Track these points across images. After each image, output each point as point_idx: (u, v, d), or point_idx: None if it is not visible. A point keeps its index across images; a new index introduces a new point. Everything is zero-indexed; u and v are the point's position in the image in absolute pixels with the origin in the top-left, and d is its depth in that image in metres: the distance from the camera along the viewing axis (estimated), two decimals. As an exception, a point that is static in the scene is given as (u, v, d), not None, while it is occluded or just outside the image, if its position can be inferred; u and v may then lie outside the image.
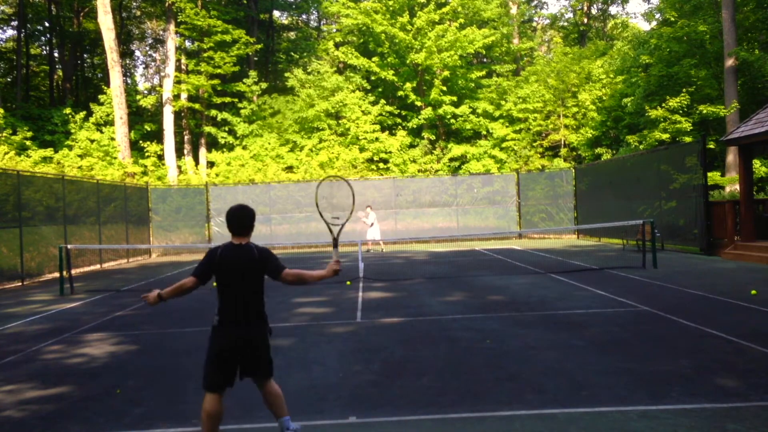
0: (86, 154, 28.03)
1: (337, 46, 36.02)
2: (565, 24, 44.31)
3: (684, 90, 22.59)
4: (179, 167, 32.53)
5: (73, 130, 30.04)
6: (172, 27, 32.45)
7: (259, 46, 35.21)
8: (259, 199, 25.83)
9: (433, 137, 32.68)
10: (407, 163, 30.96)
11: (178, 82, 32.50)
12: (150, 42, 49.34)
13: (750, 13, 24.17)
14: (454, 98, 32.15)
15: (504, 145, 30.61)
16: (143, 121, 36.00)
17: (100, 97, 32.60)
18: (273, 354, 4.23)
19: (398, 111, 33.16)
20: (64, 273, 12.86)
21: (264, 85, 33.36)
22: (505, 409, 4.62)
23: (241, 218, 3.97)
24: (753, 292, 9.40)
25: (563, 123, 29.71)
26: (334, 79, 32.14)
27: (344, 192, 4.79)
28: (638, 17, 61.65)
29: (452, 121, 32.20)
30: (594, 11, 43.64)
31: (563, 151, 29.70)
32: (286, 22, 47.83)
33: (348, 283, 12.70)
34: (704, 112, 22.04)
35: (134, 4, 44.14)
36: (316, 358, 6.43)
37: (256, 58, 38.94)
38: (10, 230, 14.75)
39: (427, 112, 31.73)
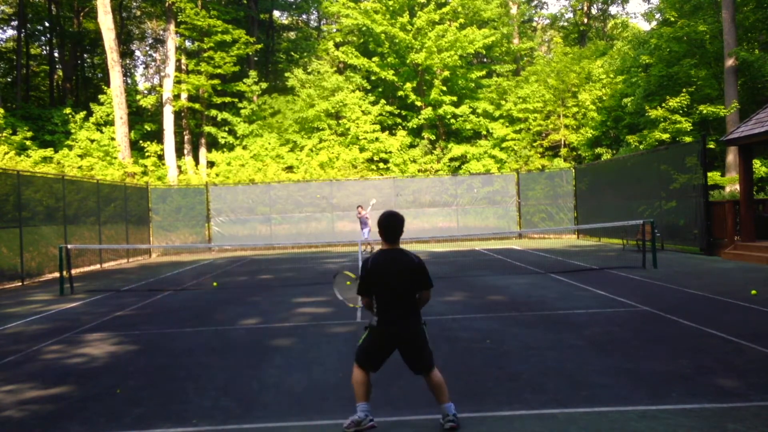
0: (86, 154, 28.04)
1: (337, 46, 36.03)
2: (565, 24, 44.32)
3: (684, 90, 22.59)
4: (179, 167, 32.54)
5: (73, 130, 30.05)
6: (172, 27, 32.46)
7: (259, 46, 35.22)
8: (259, 199, 25.83)
9: (433, 137, 32.68)
10: (407, 163, 30.97)
11: (178, 82, 32.51)
12: (150, 42, 49.39)
13: (750, 13, 24.16)
14: (454, 98, 32.16)
15: (504, 145, 30.62)
16: (143, 121, 36.02)
17: (100, 97, 32.61)
18: (274, 354, 4.22)
19: (398, 111, 33.17)
20: (64, 273, 12.86)
21: (264, 85, 33.37)
22: (505, 409, 4.62)
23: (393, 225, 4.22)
24: (753, 292, 9.40)
25: (563, 123, 29.71)
26: (334, 79, 32.15)
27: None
28: (638, 17, 61.71)
29: (452, 121, 32.20)
30: (594, 11, 43.65)
31: (563, 151, 29.70)
32: (286, 22, 47.84)
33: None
34: (704, 112, 22.04)
35: (134, 4, 44.15)
36: (316, 358, 6.43)
37: (256, 58, 38.95)
38: (10, 230, 14.75)
39: (427, 112, 31.73)
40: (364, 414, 4.24)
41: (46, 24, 39.90)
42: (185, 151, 34.83)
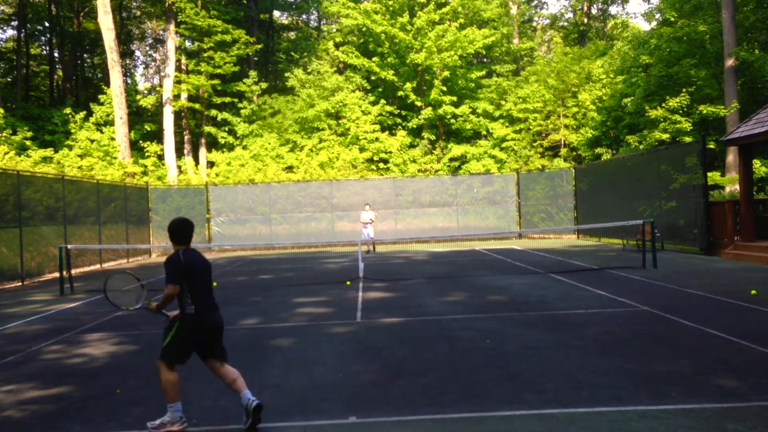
0: (86, 154, 28.03)
1: (337, 46, 36.03)
2: (565, 24, 44.32)
3: (684, 90, 22.59)
4: (179, 167, 32.55)
5: (73, 130, 30.05)
6: (172, 27, 32.46)
7: (259, 46, 35.23)
8: (259, 199, 25.83)
9: (433, 137, 32.69)
10: (407, 163, 30.97)
11: (178, 82, 32.51)
12: (150, 42, 49.39)
13: (750, 13, 24.16)
14: (454, 98, 32.17)
15: (504, 145, 30.62)
16: (143, 121, 36.02)
17: (100, 97, 32.61)
18: (274, 354, 4.22)
19: (398, 111, 33.17)
20: (64, 273, 12.87)
21: (264, 85, 33.37)
22: (505, 409, 4.62)
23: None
24: (753, 292, 9.40)
25: (563, 123, 29.71)
26: (334, 79, 32.15)
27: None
28: (638, 17, 61.69)
29: (452, 121, 32.20)
30: (594, 11, 43.65)
31: (563, 151, 29.70)
32: (286, 22, 47.84)
33: (348, 283, 12.71)
34: (704, 112, 22.04)
35: (134, 4, 44.15)
36: (316, 358, 6.43)
37: (256, 58, 38.95)
38: (10, 230, 14.75)
39: (427, 112, 31.73)
40: (179, 414, 4.45)
41: (46, 24, 39.90)
42: (185, 151, 34.84)
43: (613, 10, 50.26)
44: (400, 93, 32.21)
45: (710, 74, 24.14)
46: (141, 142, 31.42)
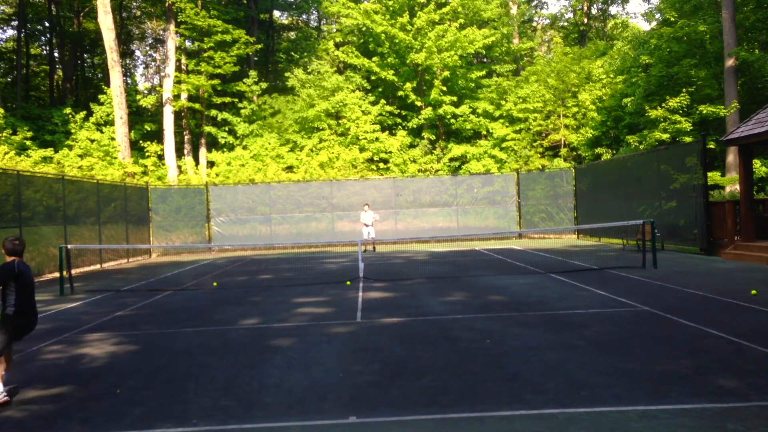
0: (86, 154, 28.03)
1: (337, 46, 36.03)
2: (565, 24, 44.32)
3: (684, 90, 22.59)
4: (179, 167, 32.55)
5: (73, 130, 30.04)
6: (172, 27, 32.46)
7: (259, 46, 35.22)
8: (259, 199, 25.83)
9: (433, 137, 32.69)
10: (407, 163, 30.97)
11: (178, 82, 32.52)
12: (150, 42, 49.38)
13: (750, 13, 24.15)
14: (454, 98, 32.16)
15: (504, 145, 30.62)
16: (143, 121, 36.02)
17: (100, 97, 32.60)
18: (274, 354, 4.22)
19: (398, 111, 33.16)
20: (64, 273, 12.87)
21: (264, 85, 33.36)
22: (505, 409, 4.62)
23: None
24: (753, 292, 9.40)
25: (563, 123, 29.71)
26: (334, 79, 32.15)
27: None
28: (638, 17, 61.67)
29: (452, 121, 32.20)
30: (594, 11, 43.64)
31: (563, 151, 29.70)
32: (286, 22, 47.85)
33: (348, 283, 12.71)
34: (704, 112, 22.04)
35: (134, 4, 44.15)
36: (316, 358, 6.43)
37: (256, 58, 38.96)
38: (10, 230, 14.73)
39: (427, 112, 31.73)
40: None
41: (46, 24, 39.91)
42: (185, 151, 34.84)
43: (613, 10, 50.23)
44: (400, 93, 32.21)
45: (710, 74, 24.13)
46: (141, 142, 31.42)
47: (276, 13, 44.79)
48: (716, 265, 13.65)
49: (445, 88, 31.74)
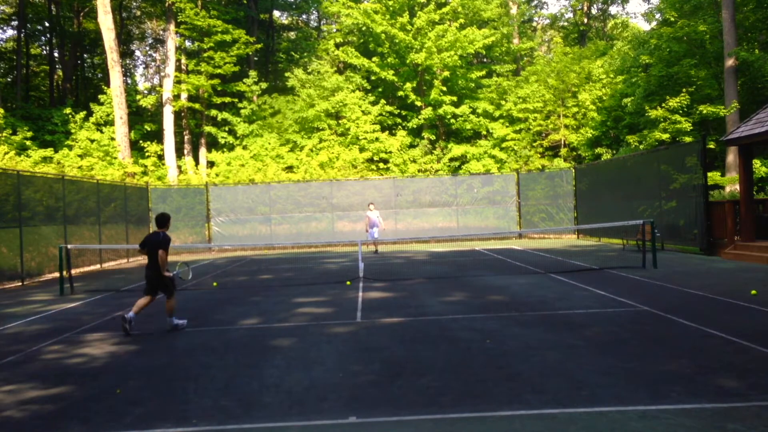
0: (86, 154, 28.03)
1: (337, 46, 36.02)
2: (565, 24, 44.32)
3: (684, 90, 22.59)
4: (179, 167, 32.54)
5: (73, 130, 30.04)
6: (172, 27, 32.46)
7: (259, 46, 35.22)
8: (259, 199, 25.83)
9: (433, 137, 32.69)
10: (407, 163, 30.97)
11: (178, 82, 32.51)
12: (150, 42, 49.37)
13: (750, 13, 24.15)
14: (454, 98, 32.16)
15: (504, 145, 30.62)
16: (143, 121, 36.01)
17: (100, 97, 32.60)
18: (274, 354, 4.21)
19: (398, 111, 33.16)
20: (64, 273, 12.86)
21: (264, 85, 33.36)
22: (505, 409, 4.62)
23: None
24: (753, 292, 9.40)
25: (563, 123, 29.71)
26: (334, 79, 32.15)
27: None
28: (638, 17, 61.67)
29: (452, 121, 32.20)
30: (594, 11, 43.65)
31: (563, 151, 29.70)
32: (286, 22, 47.84)
33: (348, 283, 12.71)
34: (704, 112, 22.04)
35: (134, 4, 44.15)
36: (316, 358, 6.43)
37: (256, 58, 38.95)
38: (10, 230, 14.75)
39: (427, 112, 31.73)
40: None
41: (46, 24, 39.89)
42: (185, 151, 34.84)
43: (613, 10, 50.26)
44: (400, 93, 32.20)
45: (710, 74, 24.14)
46: (141, 142, 31.42)
47: (276, 13, 44.80)
48: (716, 265, 13.65)
49: (445, 88, 31.74)
